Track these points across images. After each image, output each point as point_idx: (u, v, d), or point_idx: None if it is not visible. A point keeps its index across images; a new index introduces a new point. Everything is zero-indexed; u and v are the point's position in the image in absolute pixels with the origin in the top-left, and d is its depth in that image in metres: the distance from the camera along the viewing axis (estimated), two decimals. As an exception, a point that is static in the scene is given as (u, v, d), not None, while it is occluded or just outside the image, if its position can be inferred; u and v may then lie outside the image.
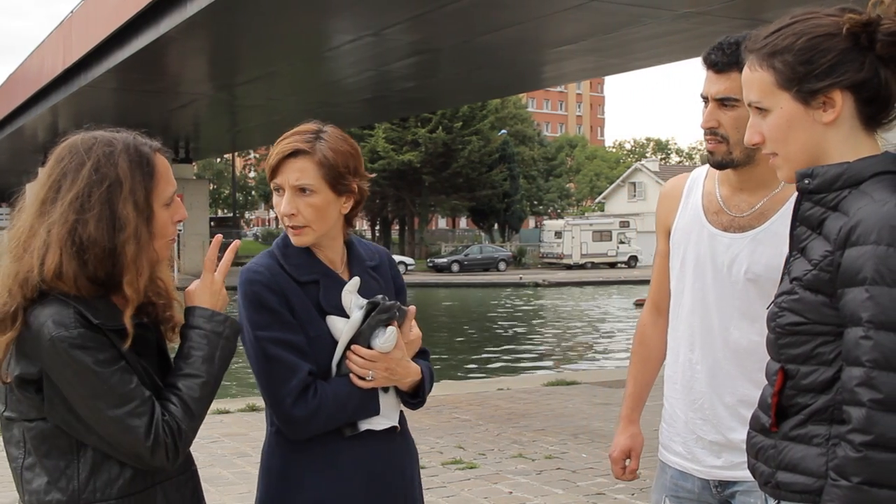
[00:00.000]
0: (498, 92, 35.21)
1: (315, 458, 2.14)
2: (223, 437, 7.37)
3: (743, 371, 2.26)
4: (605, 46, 19.25)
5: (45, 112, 31.72)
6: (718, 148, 2.24)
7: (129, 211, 1.82)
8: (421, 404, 2.31)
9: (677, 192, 2.47)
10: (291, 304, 2.12)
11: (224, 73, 24.94)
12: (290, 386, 2.07)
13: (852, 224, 1.59)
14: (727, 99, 2.20)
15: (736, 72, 2.15)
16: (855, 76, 1.65)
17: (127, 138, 1.91)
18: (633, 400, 2.62)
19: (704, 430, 2.34)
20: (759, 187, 2.27)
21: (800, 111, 1.70)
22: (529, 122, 70.34)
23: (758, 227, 2.25)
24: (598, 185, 79.50)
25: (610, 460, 2.62)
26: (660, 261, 2.53)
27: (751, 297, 2.23)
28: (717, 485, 2.34)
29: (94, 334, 1.77)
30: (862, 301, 1.54)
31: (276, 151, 2.14)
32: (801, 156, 1.72)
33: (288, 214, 2.14)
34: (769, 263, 2.18)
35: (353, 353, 2.13)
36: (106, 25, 22.11)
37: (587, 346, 21.10)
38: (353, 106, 29.24)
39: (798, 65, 1.68)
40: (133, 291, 1.82)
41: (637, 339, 2.64)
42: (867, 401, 1.52)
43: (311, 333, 2.13)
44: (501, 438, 7.48)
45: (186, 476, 2.00)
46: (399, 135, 51.42)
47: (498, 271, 48.55)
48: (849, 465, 1.54)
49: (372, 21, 17.53)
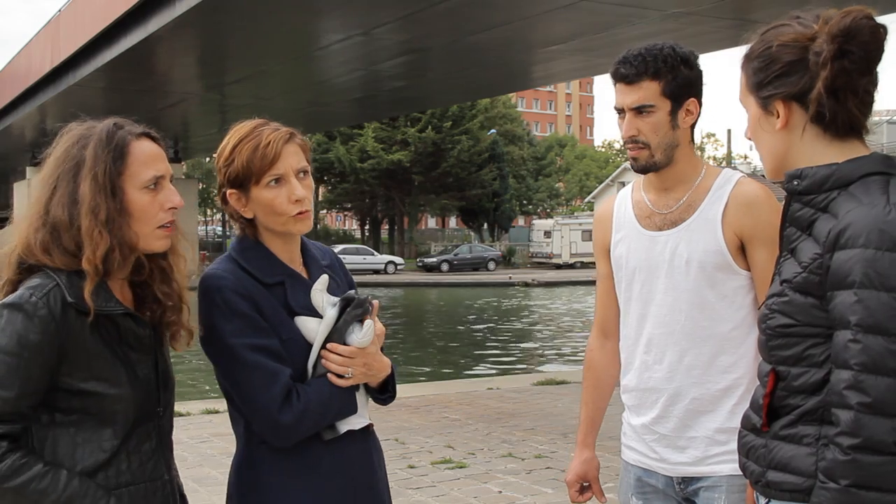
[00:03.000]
0: (487, 91, 35.21)
1: (296, 465, 2.08)
2: (212, 437, 7.36)
3: (703, 359, 2.31)
4: (594, 46, 19.26)
5: (33, 111, 31.57)
6: (641, 154, 2.34)
7: (86, 186, 1.87)
8: (391, 399, 2.27)
9: (608, 212, 2.55)
10: (261, 308, 2.06)
11: (213, 72, 24.85)
12: (273, 392, 2.00)
13: (841, 227, 1.60)
14: (642, 107, 2.29)
15: (646, 80, 2.28)
16: (791, 89, 1.69)
17: (108, 124, 1.94)
18: (586, 425, 2.67)
19: (667, 427, 2.37)
20: (680, 183, 2.37)
21: (762, 116, 1.77)
22: (519, 122, 70.34)
23: (689, 218, 2.33)
24: (587, 184, 79.56)
25: (566, 484, 2.65)
26: (601, 283, 2.59)
27: (698, 285, 2.30)
28: (679, 481, 2.37)
29: None
30: (850, 304, 1.55)
31: (268, 140, 2.07)
32: (770, 157, 1.79)
33: (303, 197, 2.10)
34: (707, 248, 2.28)
35: (331, 352, 2.09)
36: (94, 24, 22.02)
37: (577, 345, 21.12)
38: (342, 105, 29.19)
39: (759, 71, 1.74)
40: (88, 265, 1.84)
41: (586, 365, 2.68)
42: (855, 404, 1.52)
43: (283, 336, 2.07)
44: (491, 438, 7.49)
45: (158, 484, 1.97)
46: (388, 134, 51.37)
47: (487, 271, 48.57)
48: (837, 468, 1.54)
49: (361, 20, 17.50)
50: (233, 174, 2.10)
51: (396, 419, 8.16)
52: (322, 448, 2.10)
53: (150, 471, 1.95)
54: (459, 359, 18.30)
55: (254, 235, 2.17)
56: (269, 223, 2.13)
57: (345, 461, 2.14)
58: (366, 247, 51.66)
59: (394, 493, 6.57)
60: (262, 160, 2.07)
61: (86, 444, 1.87)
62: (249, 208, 2.13)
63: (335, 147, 52.05)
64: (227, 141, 2.13)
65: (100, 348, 1.86)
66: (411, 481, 6.12)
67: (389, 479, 2.35)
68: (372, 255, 48.18)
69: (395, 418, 8.17)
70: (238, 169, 2.09)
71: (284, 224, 2.11)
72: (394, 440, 7.32)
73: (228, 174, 2.11)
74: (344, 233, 70.37)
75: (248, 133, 2.10)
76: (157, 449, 1.99)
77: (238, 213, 2.14)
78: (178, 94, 27.14)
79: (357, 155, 52.09)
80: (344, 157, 51.96)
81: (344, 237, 64.84)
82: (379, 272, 46.11)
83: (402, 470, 6.39)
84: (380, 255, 49.29)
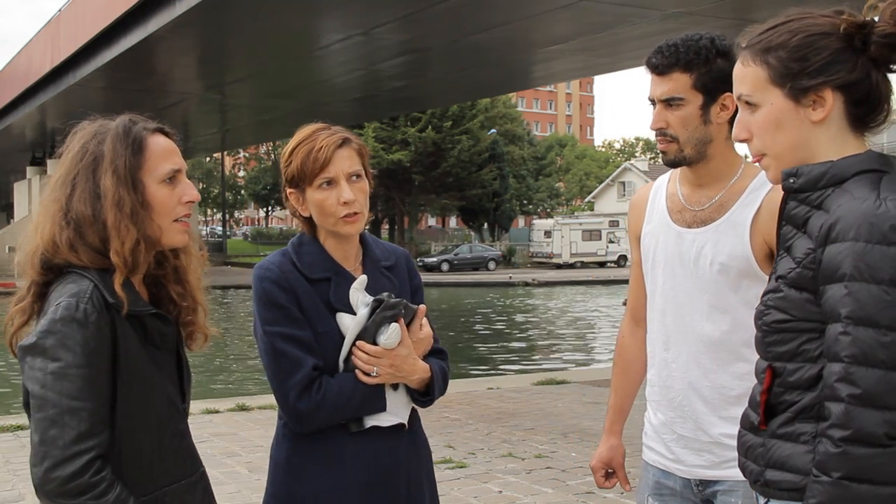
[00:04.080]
0: (487, 91, 35.24)
1: (319, 451, 2.20)
2: (212, 437, 7.36)
3: (719, 363, 2.27)
4: (594, 46, 19.30)
5: (33, 111, 31.60)
6: (670, 147, 2.29)
7: (108, 180, 1.87)
8: (430, 402, 2.34)
9: (643, 200, 2.51)
10: (300, 301, 2.19)
11: (213, 72, 24.89)
12: (294, 380, 2.13)
13: (832, 221, 1.60)
14: (672, 99, 2.25)
15: (677, 72, 2.23)
16: (847, 76, 1.67)
17: (124, 120, 1.96)
18: (614, 412, 2.64)
19: (685, 427, 2.35)
20: (715, 181, 2.31)
21: (790, 108, 1.71)
22: (519, 122, 70.35)
23: (718, 218, 2.28)
24: (587, 184, 79.63)
25: (591, 469, 2.65)
26: (634, 270, 2.56)
27: (720, 288, 2.26)
28: (697, 483, 2.35)
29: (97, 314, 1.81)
30: (841, 297, 1.55)
31: (321, 145, 2.19)
32: (789, 154, 1.73)
33: (351, 201, 2.20)
34: (732, 253, 2.23)
35: (358, 349, 2.19)
36: (94, 24, 22.04)
37: (577, 345, 21.13)
38: (342, 105, 29.21)
39: (792, 61, 1.69)
40: (117, 257, 1.84)
41: (617, 351, 2.66)
42: (846, 396, 1.53)
43: (319, 329, 2.19)
44: (491, 438, 7.49)
45: (195, 478, 2.00)
46: (389, 134, 51.37)
47: (488, 271, 48.56)
48: (829, 461, 1.54)
49: (361, 20, 17.53)
50: (290, 175, 2.25)
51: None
52: (347, 438, 2.21)
53: (188, 468, 1.98)
54: (459, 359, 18.30)
55: (311, 233, 2.31)
56: (322, 222, 2.26)
57: (368, 454, 2.21)
58: (366, 247, 51.59)
59: (394, 493, 6.44)
60: (315, 163, 2.20)
61: (128, 446, 1.85)
62: (305, 207, 2.27)
63: (335, 147, 51.97)
64: (291, 143, 2.27)
65: (137, 347, 1.86)
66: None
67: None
68: (372, 255, 48.10)
69: (395, 418, 8.16)
70: (294, 170, 2.23)
71: (334, 225, 2.23)
72: (394, 440, 7.32)
73: (287, 175, 2.26)
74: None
75: (307, 137, 2.24)
76: (190, 445, 2.02)
77: (297, 210, 2.29)
78: (178, 94, 27.17)
79: (357, 155, 52.00)
80: (344, 157, 51.88)
81: (344, 237, 64.71)
82: (379, 272, 46.02)
83: (402, 469, 6.36)
84: (380, 255, 49.20)
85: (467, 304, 32.20)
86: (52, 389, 1.75)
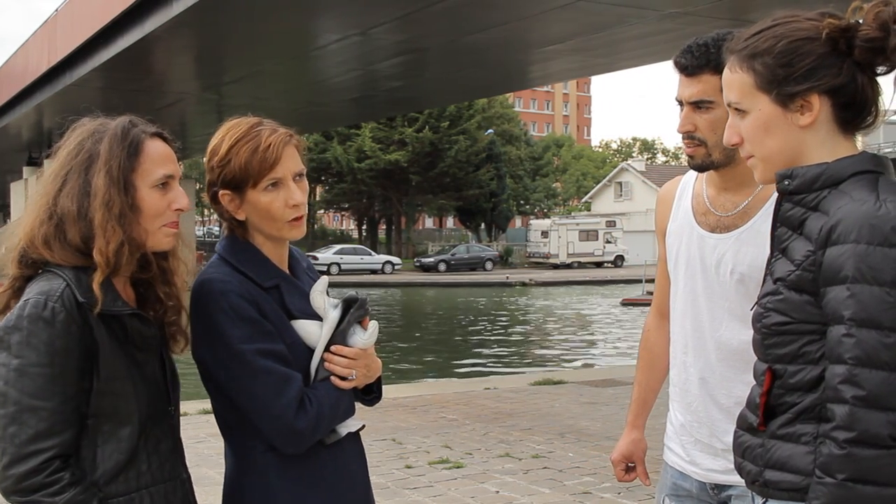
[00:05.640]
0: (484, 91, 35.20)
1: (303, 471, 2.03)
2: (209, 437, 7.34)
3: (736, 372, 2.23)
4: (591, 46, 19.28)
5: (30, 111, 31.53)
6: (697, 151, 2.22)
7: (100, 179, 1.86)
8: (378, 400, 2.23)
9: (670, 195, 2.46)
10: (264, 312, 1.99)
11: (210, 72, 24.83)
12: (287, 398, 1.94)
13: (832, 223, 1.60)
14: (701, 102, 2.17)
15: (707, 73, 2.15)
16: (833, 81, 1.67)
17: (123, 121, 1.95)
18: (637, 406, 2.61)
19: (701, 432, 2.33)
20: (742, 186, 2.24)
21: (778, 113, 1.71)
22: (516, 122, 70.32)
23: (741, 226, 2.24)
24: (584, 184, 79.60)
25: (611, 463, 2.62)
26: (661, 265, 2.51)
27: (739, 297, 2.21)
28: (713, 487, 2.34)
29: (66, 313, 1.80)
30: (843, 299, 1.55)
31: (268, 143, 2.00)
32: (778, 157, 1.74)
33: (301, 203, 2.04)
34: (753, 263, 2.17)
35: (335, 354, 2.04)
36: (91, 24, 21.99)
37: (574, 345, 21.13)
38: (339, 105, 29.18)
39: (778, 67, 1.69)
40: (100, 256, 1.83)
41: (642, 344, 2.63)
42: (850, 398, 1.53)
43: (286, 341, 2.02)
44: (488, 438, 7.49)
45: (176, 483, 1.98)
46: (386, 134, 51.37)
47: (485, 271, 48.55)
48: (833, 462, 1.55)
49: (358, 20, 17.50)
50: (229, 175, 2.02)
51: (393, 419, 8.16)
52: (325, 452, 2.06)
53: (169, 470, 1.96)
54: (457, 359, 18.30)
55: (243, 237, 2.09)
56: (264, 227, 2.06)
57: (346, 464, 2.12)
58: (363, 247, 51.67)
59: (391, 493, 6.59)
60: (262, 163, 1.99)
61: (105, 445, 1.85)
62: (243, 210, 2.05)
63: (332, 147, 52.04)
64: (222, 139, 2.04)
65: (113, 346, 1.85)
66: (408, 481, 6.11)
67: (387, 479, 2.37)
68: (369, 255, 48.19)
69: (392, 418, 8.17)
70: (235, 170, 2.00)
71: (280, 230, 2.05)
72: (391, 440, 7.33)
73: (224, 175, 2.02)
74: (341, 233, 70.37)
75: (246, 133, 2.02)
76: (174, 448, 2.00)
77: (230, 214, 2.07)
78: (175, 94, 27.12)
79: (354, 155, 52.07)
80: (341, 157, 51.95)
81: (341, 237, 64.84)
82: (376, 272, 46.11)
83: (400, 470, 6.36)
84: (377, 255, 49.28)
85: (464, 304, 32.19)
86: (13, 386, 1.76)
